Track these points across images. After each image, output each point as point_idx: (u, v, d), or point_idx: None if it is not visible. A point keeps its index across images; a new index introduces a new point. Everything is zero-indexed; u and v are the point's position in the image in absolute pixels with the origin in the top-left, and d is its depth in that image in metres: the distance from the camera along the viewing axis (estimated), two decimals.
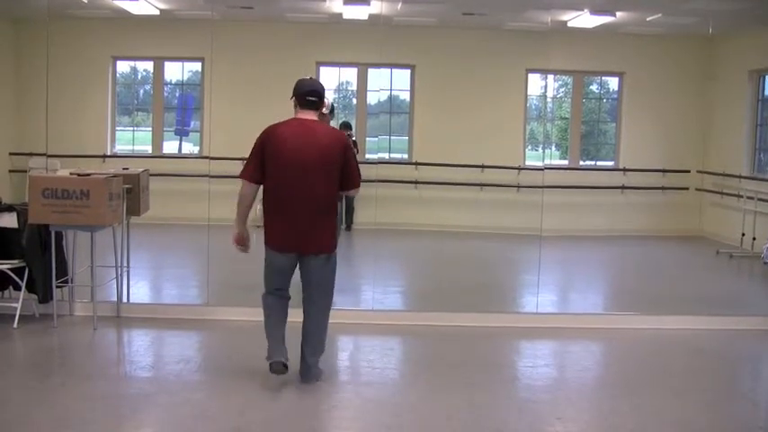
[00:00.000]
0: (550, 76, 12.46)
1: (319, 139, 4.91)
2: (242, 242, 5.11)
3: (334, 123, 12.15)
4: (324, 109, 5.44)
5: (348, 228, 11.42)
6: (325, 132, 5.04)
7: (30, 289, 6.34)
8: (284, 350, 4.98)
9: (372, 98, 12.37)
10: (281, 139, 4.89)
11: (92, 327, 6.25)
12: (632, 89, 12.18)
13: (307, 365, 5.10)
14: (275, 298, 5.06)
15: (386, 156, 12.16)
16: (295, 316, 5.13)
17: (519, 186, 11.72)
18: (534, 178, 11.10)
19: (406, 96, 12.39)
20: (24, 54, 10.96)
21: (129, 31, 11.34)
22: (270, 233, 4.99)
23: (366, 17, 10.60)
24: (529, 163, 12.14)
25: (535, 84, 12.68)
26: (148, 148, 12.00)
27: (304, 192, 4.87)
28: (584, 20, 10.47)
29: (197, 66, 12.02)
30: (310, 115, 5.01)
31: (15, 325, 6.13)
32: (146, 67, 12.34)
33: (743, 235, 10.40)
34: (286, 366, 4.93)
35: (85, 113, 11.49)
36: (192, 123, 12.25)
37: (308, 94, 5.00)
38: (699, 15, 9.92)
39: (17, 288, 6.32)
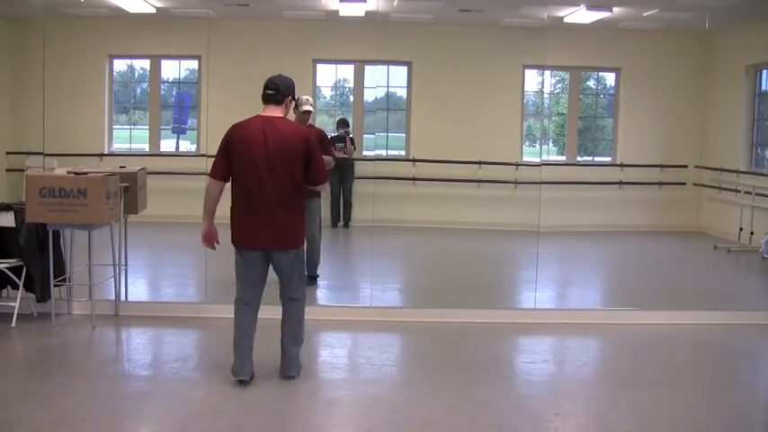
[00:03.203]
0: (547, 72, 12.47)
1: (281, 134, 4.91)
2: (209, 239, 5.13)
3: (329, 120, 12.20)
4: (283, 107, 5.04)
5: (346, 225, 11.42)
6: (287, 127, 5.02)
7: (28, 288, 6.34)
8: (249, 366, 5.01)
9: (369, 95, 12.36)
10: (245, 135, 4.91)
11: (90, 325, 6.25)
12: (629, 85, 12.18)
13: (288, 357, 5.10)
14: (245, 308, 5.04)
15: (383, 153, 12.15)
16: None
17: (516, 182, 11.73)
18: (532, 174, 11.11)
19: (403, 93, 12.38)
20: (21, 53, 10.92)
21: (126, 29, 11.30)
22: (236, 231, 5.00)
23: (363, 14, 10.59)
24: (526, 159, 12.14)
25: (532, 80, 12.68)
26: (146, 147, 11.97)
27: (269, 187, 4.87)
28: (580, 15, 10.46)
29: (194, 64, 12.00)
30: (274, 112, 5.01)
31: (13, 324, 6.14)
32: (143, 65, 12.31)
33: (741, 230, 10.42)
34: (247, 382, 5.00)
35: (82, 112, 11.46)
36: (190, 121, 12.22)
37: (266, 87, 5.03)
38: (695, 10, 9.92)
39: (15, 287, 6.32)
